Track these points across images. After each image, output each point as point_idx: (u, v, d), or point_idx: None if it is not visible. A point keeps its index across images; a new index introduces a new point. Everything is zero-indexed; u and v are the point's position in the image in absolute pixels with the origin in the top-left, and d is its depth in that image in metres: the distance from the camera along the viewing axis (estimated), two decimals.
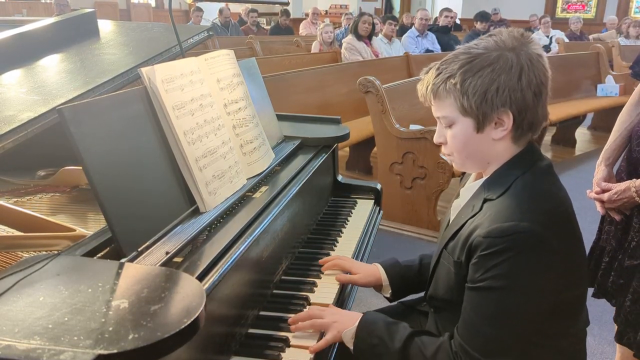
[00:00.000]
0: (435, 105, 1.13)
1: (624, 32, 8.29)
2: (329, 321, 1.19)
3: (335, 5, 15.78)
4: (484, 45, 1.07)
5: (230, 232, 1.19)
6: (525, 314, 1.02)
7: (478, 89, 1.04)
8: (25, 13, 10.56)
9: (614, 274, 1.65)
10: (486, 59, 1.05)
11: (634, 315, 1.58)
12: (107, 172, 1.03)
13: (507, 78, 1.04)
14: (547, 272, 1.01)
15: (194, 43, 1.88)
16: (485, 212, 1.07)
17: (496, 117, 1.06)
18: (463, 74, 1.05)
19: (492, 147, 1.11)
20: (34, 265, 0.90)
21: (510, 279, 0.99)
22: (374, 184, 2.04)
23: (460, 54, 1.08)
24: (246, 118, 1.49)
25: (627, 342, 1.62)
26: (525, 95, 1.05)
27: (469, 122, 1.08)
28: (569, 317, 1.12)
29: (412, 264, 1.45)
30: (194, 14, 8.39)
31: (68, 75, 1.55)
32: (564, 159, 5.23)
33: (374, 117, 3.48)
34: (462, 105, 1.07)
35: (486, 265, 1.01)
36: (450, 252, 1.14)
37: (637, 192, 1.52)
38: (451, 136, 1.13)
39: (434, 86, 1.10)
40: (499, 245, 0.99)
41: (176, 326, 0.74)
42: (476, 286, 1.03)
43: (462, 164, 1.17)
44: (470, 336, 1.04)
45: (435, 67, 1.11)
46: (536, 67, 1.06)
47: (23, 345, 0.69)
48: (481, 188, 1.14)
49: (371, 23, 5.85)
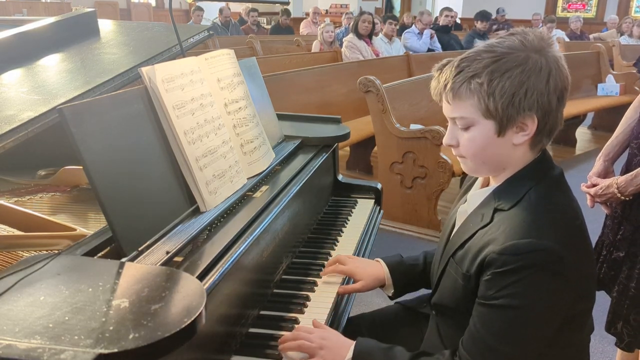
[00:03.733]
0: (453, 104, 1.05)
1: (627, 32, 8.28)
2: (316, 346, 1.11)
3: (335, 4, 15.79)
4: (508, 45, 1.01)
5: (230, 231, 1.18)
6: (535, 332, 0.99)
7: (507, 91, 0.99)
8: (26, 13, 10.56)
9: (606, 266, 1.70)
10: (514, 59, 0.99)
11: (619, 306, 1.63)
12: (107, 171, 1.03)
13: (536, 81, 0.99)
14: (563, 290, 0.98)
15: (194, 43, 1.87)
16: (499, 226, 1.02)
17: (520, 121, 1.01)
18: (490, 73, 0.99)
19: (511, 153, 1.06)
20: (34, 264, 0.90)
21: (525, 299, 0.96)
22: (375, 184, 2.04)
23: (482, 52, 1.02)
24: (246, 117, 1.49)
25: (614, 332, 1.67)
26: (551, 99, 1.01)
27: (490, 125, 1.03)
28: (577, 328, 1.10)
29: (417, 262, 1.41)
30: (194, 14, 8.39)
31: (68, 74, 1.55)
32: (564, 159, 5.23)
33: (374, 116, 3.48)
34: (486, 107, 1.01)
35: (501, 283, 0.97)
36: (459, 262, 1.10)
37: (619, 188, 1.56)
38: (468, 139, 1.06)
39: (454, 84, 1.03)
40: (515, 264, 0.96)
41: (177, 326, 0.74)
42: (489, 303, 1.00)
43: (476, 168, 1.12)
44: (479, 352, 1.01)
45: (455, 65, 1.04)
46: (562, 71, 1.02)
47: (24, 344, 0.69)
48: (491, 196, 1.09)
49: (371, 22, 5.85)
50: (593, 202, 1.66)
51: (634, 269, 1.59)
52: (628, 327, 1.61)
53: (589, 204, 1.68)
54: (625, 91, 5.80)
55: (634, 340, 1.61)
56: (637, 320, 1.59)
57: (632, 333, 1.61)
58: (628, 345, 1.62)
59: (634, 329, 1.60)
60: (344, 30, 7.59)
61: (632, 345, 1.62)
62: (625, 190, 1.55)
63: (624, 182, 1.55)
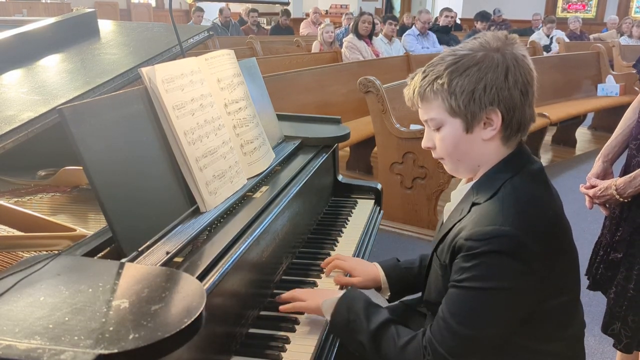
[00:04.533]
0: (422, 108, 1.13)
1: (627, 32, 8.28)
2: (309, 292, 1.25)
3: (335, 5, 15.79)
4: (469, 47, 1.08)
5: (230, 232, 1.19)
6: (497, 317, 1.03)
7: (465, 88, 1.05)
8: (26, 13, 10.56)
9: (603, 266, 1.70)
10: (472, 59, 1.05)
11: (617, 307, 1.63)
12: (107, 171, 1.03)
13: (493, 76, 1.04)
14: (524, 278, 1.01)
15: (194, 43, 1.88)
16: (471, 216, 1.07)
17: (485, 116, 1.06)
18: (450, 74, 1.06)
19: (482, 149, 1.11)
20: (34, 265, 0.90)
21: (485, 281, 1.00)
22: (375, 184, 2.04)
23: (446, 55, 1.09)
24: (246, 118, 1.49)
25: (611, 333, 1.67)
26: (513, 93, 1.05)
27: (458, 122, 1.09)
28: (559, 322, 1.11)
29: (412, 266, 1.44)
30: (194, 14, 8.39)
31: (68, 75, 1.55)
32: (564, 159, 5.23)
33: (374, 117, 3.48)
34: (450, 106, 1.07)
35: (465, 266, 1.02)
36: (439, 255, 1.15)
37: (618, 190, 1.57)
38: (440, 139, 1.13)
39: (420, 88, 1.10)
40: (478, 248, 1.00)
41: (177, 326, 0.74)
42: (453, 285, 1.05)
43: (455, 168, 1.18)
44: (440, 333, 1.05)
45: (422, 71, 1.12)
46: (522, 66, 1.06)
47: (23, 345, 0.69)
48: (470, 191, 1.14)
49: (371, 22, 5.85)
50: (592, 203, 1.66)
51: (631, 270, 1.59)
52: (626, 328, 1.61)
53: (587, 205, 1.69)
54: (625, 91, 5.79)
55: (632, 342, 1.61)
56: (635, 322, 1.59)
57: (630, 334, 1.60)
58: (626, 346, 1.62)
59: (632, 331, 1.60)
60: (344, 31, 7.58)
61: (630, 346, 1.62)
62: (624, 192, 1.55)
63: (622, 183, 1.55)
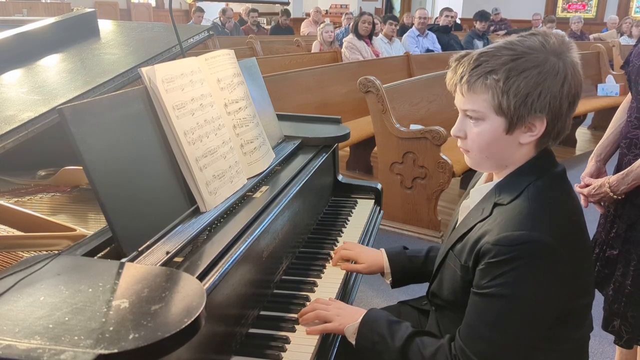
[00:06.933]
0: (467, 97, 1.07)
1: (627, 32, 8.29)
2: (333, 313, 1.21)
3: (335, 5, 15.78)
4: (528, 45, 1.03)
5: (230, 232, 1.19)
6: (529, 323, 1.01)
7: (521, 90, 1.00)
8: (26, 13, 10.55)
9: (599, 264, 1.71)
10: (533, 60, 1.01)
11: (616, 304, 1.65)
12: (107, 171, 1.03)
13: (551, 84, 1.00)
14: (554, 283, 1.00)
15: (194, 43, 1.88)
16: (496, 218, 1.05)
17: (530, 121, 1.03)
18: (507, 71, 1.01)
19: (516, 151, 1.08)
20: (34, 265, 0.90)
21: (516, 288, 0.98)
22: (375, 184, 2.04)
23: (502, 48, 1.03)
24: (246, 118, 1.49)
25: (611, 330, 1.68)
26: (563, 103, 1.02)
27: (501, 121, 1.04)
28: (575, 324, 1.11)
29: (418, 255, 1.46)
30: (194, 14, 8.38)
31: (68, 75, 1.55)
32: (564, 159, 5.23)
33: (374, 117, 3.48)
34: (499, 104, 1.02)
35: (493, 272, 1.00)
36: (458, 254, 1.12)
37: (611, 187, 1.59)
38: (477, 133, 1.08)
39: (470, 77, 1.04)
40: (507, 254, 0.98)
41: (177, 326, 0.74)
42: (482, 292, 1.02)
43: (479, 162, 1.13)
44: (471, 340, 1.03)
45: (473, 58, 1.05)
46: (577, 76, 1.03)
47: (24, 344, 0.69)
48: (492, 191, 1.11)
49: (371, 22, 5.85)
50: (587, 202, 1.69)
51: (628, 266, 1.61)
52: (626, 324, 1.63)
53: (583, 204, 1.71)
54: (625, 91, 5.71)
55: (633, 337, 1.63)
56: (634, 317, 1.61)
57: (630, 330, 1.63)
58: (627, 342, 1.65)
59: (632, 326, 1.62)
60: (344, 31, 7.58)
61: (631, 341, 1.64)
62: (617, 189, 1.58)
63: (615, 181, 1.58)
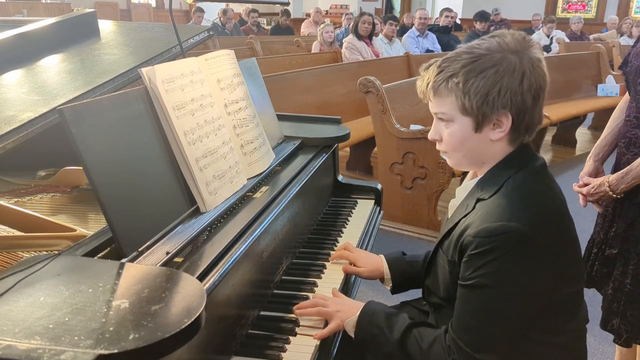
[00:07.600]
0: (434, 101, 1.14)
1: (627, 32, 8.29)
2: (333, 310, 1.22)
3: (335, 5, 15.78)
4: (486, 46, 1.08)
5: (230, 232, 1.19)
6: (512, 311, 1.04)
7: (480, 90, 1.05)
8: (26, 13, 10.56)
9: (598, 263, 1.73)
10: (489, 60, 1.06)
11: (615, 303, 1.65)
12: (107, 172, 1.03)
13: (509, 81, 1.05)
14: (535, 271, 1.03)
15: (194, 43, 1.88)
16: (477, 212, 1.09)
17: (495, 118, 1.08)
18: (466, 73, 1.06)
19: (489, 148, 1.13)
20: (34, 265, 0.90)
21: (497, 278, 1.02)
22: (375, 184, 2.04)
23: (462, 52, 1.09)
24: (246, 118, 1.49)
25: (611, 329, 1.69)
26: (525, 98, 1.06)
27: (468, 121, 1.10)
28: (565, 314, 1.13)
29: (417, 260, 1.47)
30: (195, 15, 8.38)
31: (68, 75, 1.55)
32: (564, 159, 5.23)
33: (374, 117, 3.48)
34: (462, 105, 1.08)
35: (475, 264, 1.04)
36: (445, 251, 1.17)
37: (611, 187, 1.60)
38: (448, 134, 1.14)
39: (435, 83, 1.10)
40: (487, 245, 1.02)
41: (177, 326, 0.74)
42: (466, 284, 1.06)
43: (458, 162, 1.19)
44: (461, 331, 1.07)
45: (437, 64, 1.11)
46: (537, 71, 1.07)
47: (24, 345, 0.69)
48: (475, 187, 1.16)
49: (371, 23, 5.85)
50: (585, 201, 1.70)
51: (627, 265, 1.61)
52: (625, 323, 1.63)
53: (581, 203, 1.72)
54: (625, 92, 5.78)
55: (632, 336, 1.64)
56: (634, 316, 1.62)
57: (630, 329, 1.63)
58: (626, 340, 1.65)
59: (632, 325, 1.63)
60: (344, 31, 7.59)
61: (630, 340, 1.65)
62: (616, 188, 1.58)
63: (615, 180, 1.59)
